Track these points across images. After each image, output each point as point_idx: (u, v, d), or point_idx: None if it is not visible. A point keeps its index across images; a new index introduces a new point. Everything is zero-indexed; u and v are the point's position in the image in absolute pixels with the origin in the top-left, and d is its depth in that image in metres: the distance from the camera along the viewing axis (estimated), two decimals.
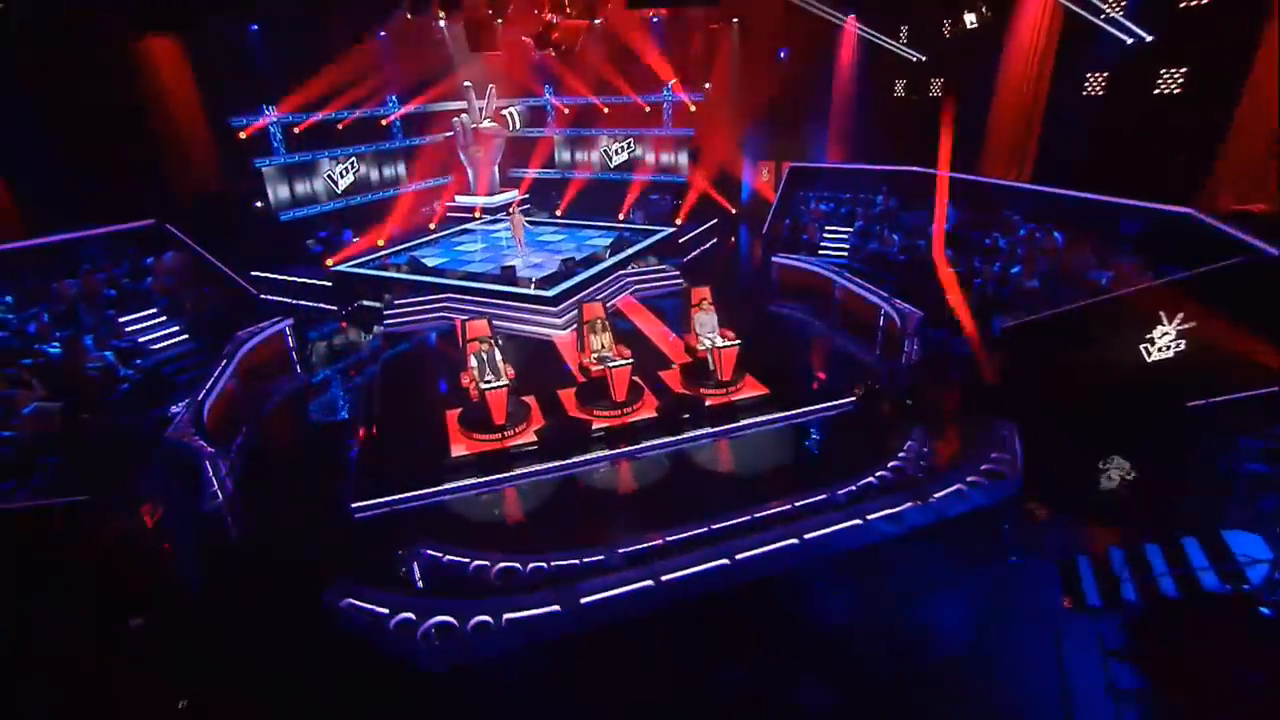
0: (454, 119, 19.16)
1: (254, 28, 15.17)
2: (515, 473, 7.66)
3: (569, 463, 7.80)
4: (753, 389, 9.26)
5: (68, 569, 6.11)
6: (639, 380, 9.14)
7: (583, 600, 5.05)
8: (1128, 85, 12.28)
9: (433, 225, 18.94)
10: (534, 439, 8.17)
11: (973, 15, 12.55)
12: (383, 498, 7.16)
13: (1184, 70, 11.47)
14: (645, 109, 19.20)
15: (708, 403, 8.83)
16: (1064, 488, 7.00)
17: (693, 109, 18.71)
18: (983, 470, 6.46)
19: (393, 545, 6.29)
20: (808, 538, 5.63)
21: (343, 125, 17.28)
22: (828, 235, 15.92)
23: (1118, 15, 11.84)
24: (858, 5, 16.72)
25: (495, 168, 20.28)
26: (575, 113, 20.55)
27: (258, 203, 15.95)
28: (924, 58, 16.42)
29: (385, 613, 4.99)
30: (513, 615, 4.95)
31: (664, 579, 5.19)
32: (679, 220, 18.19)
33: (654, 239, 16.45)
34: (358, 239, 16.90)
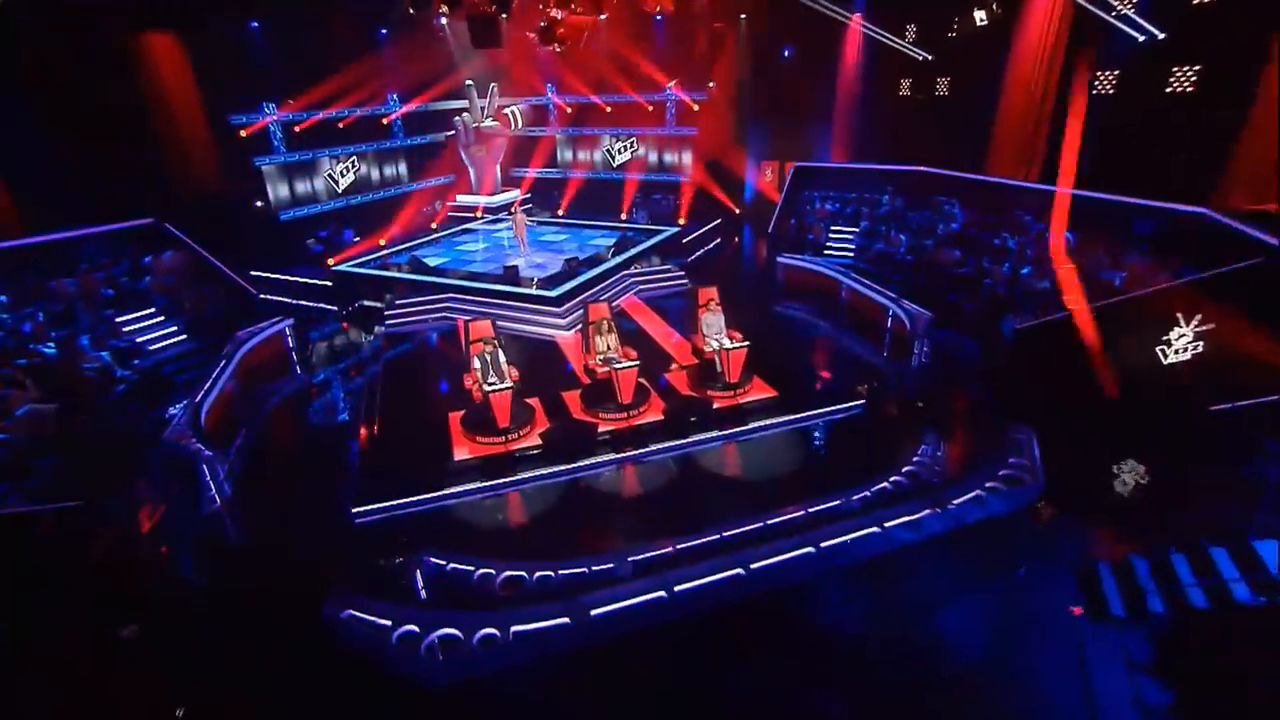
0: (455, 118, 19.01)
1: (254, 25, 15.03)
2: (520, 477, 7.49)
3: (574, 466, 7.64)
4: (761, 391, 9.10)
5: (61, 576, 5.95)
6: (645, 382, 8.98)
7: (593, 612, 4.89)
8: (1139, 84, 12.13)
9: (434, 225, 18.79)
10: (538, 442, 8.01)
11: (982, 12, 12.39)
12: (384, 502, 6.99)
13: (1197, 68, 11.32)
14: (648, 108, 19.05)
15: (715, 405, 8.67)
16: (1079, 492, 6.84)
17: (696, 108, 18.56)
18: (1001, 476, 6.30)
19: (394, 552, 6.13)
20: (824, 546, 5.47)
21: (343, 124, 17.14)
22: (833, 235, 15.76)
23: (1129, 12, 11.69)
24: (865, 3, 16.59)
25: (497, 167, 20.13)
26: (577, 111, 20.39)
27: (258, 202, 15.80)
28: (930, 56, 16.27)
29: (388, 625, 4.83)
30: (521, 628, 4.78)
31: (677, 590, 5.02)
32: (681, 220, 18.03)
33: (657, 239, 16.30)
34: (358, 239, 16.75)
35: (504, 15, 11.97)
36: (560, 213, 19.92)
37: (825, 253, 15.33)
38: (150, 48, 13.49)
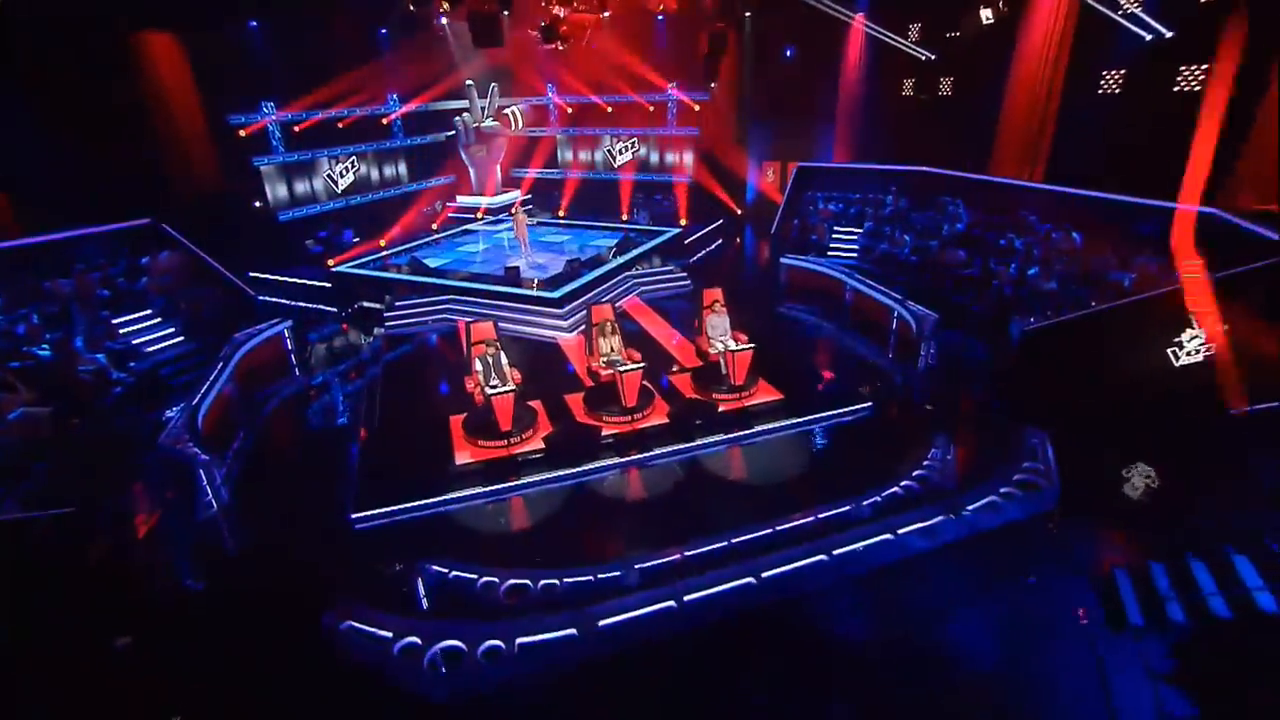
0: (455, 118, 18.88)
1: (253, 25, 14.89)
2: (523, 481, 7.35)
3: (578, 470, 7.50)
4: (767, 394, 8.96)
5: (54, 583, 5.80)
6: (649, 385, 8.85)
7: (601, 623, 4.74)
8: (1145, 83, 12.02)
9: (435, 226, 18.65)
10: (542, 446, 7.87)
11: (989, 10, 12.27)
12: (384, 508, 6.85)
13: (1204, 67, 11.21)
14: (649, 108, 18.93)
15: (720, 408, 8.54)
16: (1093, 497, 6.71)
17: (697, 108, 18.44)
18: (1015, 481, 6.17)
19: (395, 558, 5.99)
20: (837, 553, 5.33)
21: (343, 124, 17.00)
22: (837, 236, 15.64)
23: (1136, 10, 11.58)
24: (868, 2, 16.48)
25: (498, 167, 20.00)
26: (578, 112, 20.27)
27: (256, 202, 15.65)
28: (933, 56, 16.17)
29: (389, 636, 4.68)
30: (526, 640, 4.63)
31: (687, 599, 4.88)
32: (682, 221, 17.91)
33: (659, 240, 16.17)
34: (358, 239, 16.60)
35: (505, 12, 11.83)
36: (560, 213, 19.79)
37: (829, 253, 15.21)
38: (149, 47, 13.35)
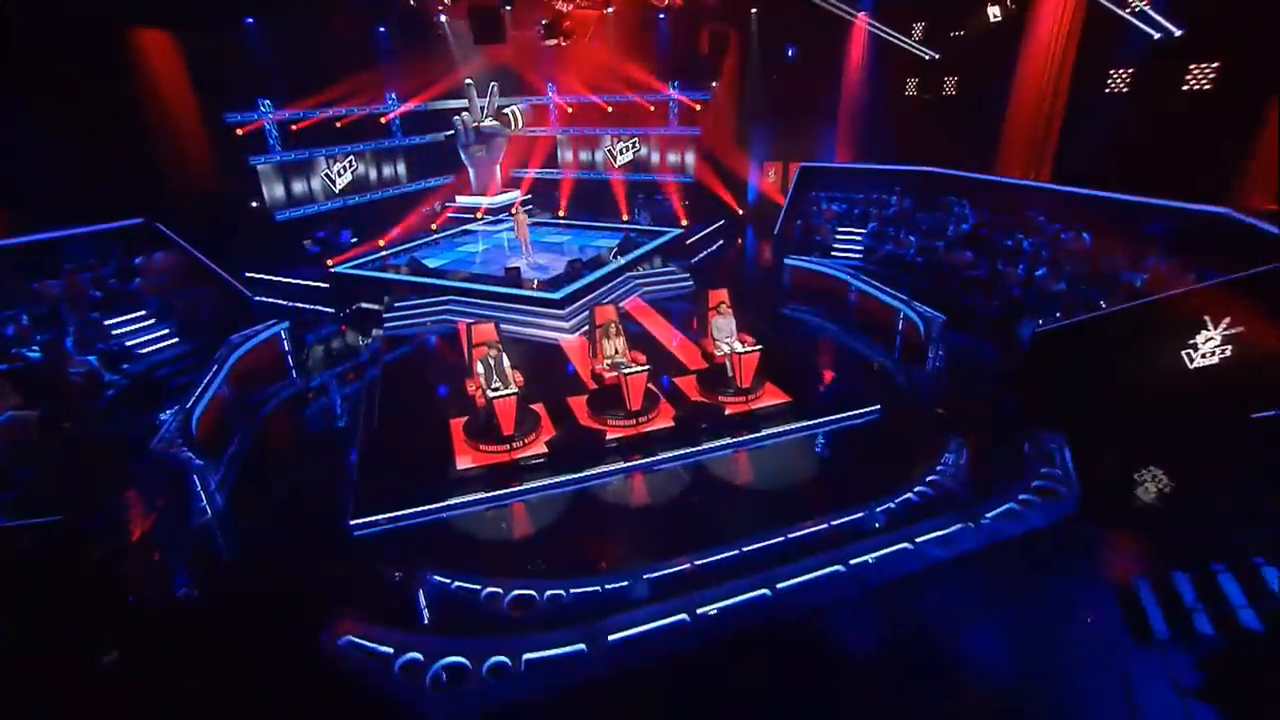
0: (455, 117, 18.69)
1: (250, 22, 14.69)
2: (526, 486, 7.16)
3: (582, 475, 7.31)
4: (774, 397, 8.79)
5: (38, 598, 5.60)
6: (653, 387, 8.66)
7: (611, 638, 4.55)
8: (1154, 81, 11.90)
9: (434, 227, 18.45)
10: (544, 450, 7.68)
11: (996, 8, 12.13)
12: (384, 514, 6.65)
13: (1215, 65, 11.09)
14: (650, 108, 18.77)
15: (727, 411, 8.36)
16: (1110, 503, 6.54)
17: (698, 108, 18.28)
18: (1034, 488, 5.99)
19: (395, 567, 5.80)
20: (854, 563, 5.15)
21: (341, 124, 16.81)
22: (840, 236, 15.48)
23: (1145, 7, 11.44)
24: (872, 1, 16.34)
25: (498, 167, 19.81)
26: (578, 111, 20.10)
27: (253, 202, 15.43)
28: (937, 55, 16.03)
29: (390, 652, 4.49)
30: (533, 656, 4.44)
31: (700, 612, 4.69)
32: (684, 221, 17.74)
33: (660, 240, 16.00)
34: (356, 240, 16.39)
35: (508, 6, 11.62)
36: (560, 213, 19.61)
37: (832, 254, 15.05)
38: (144, 44, 13.15)
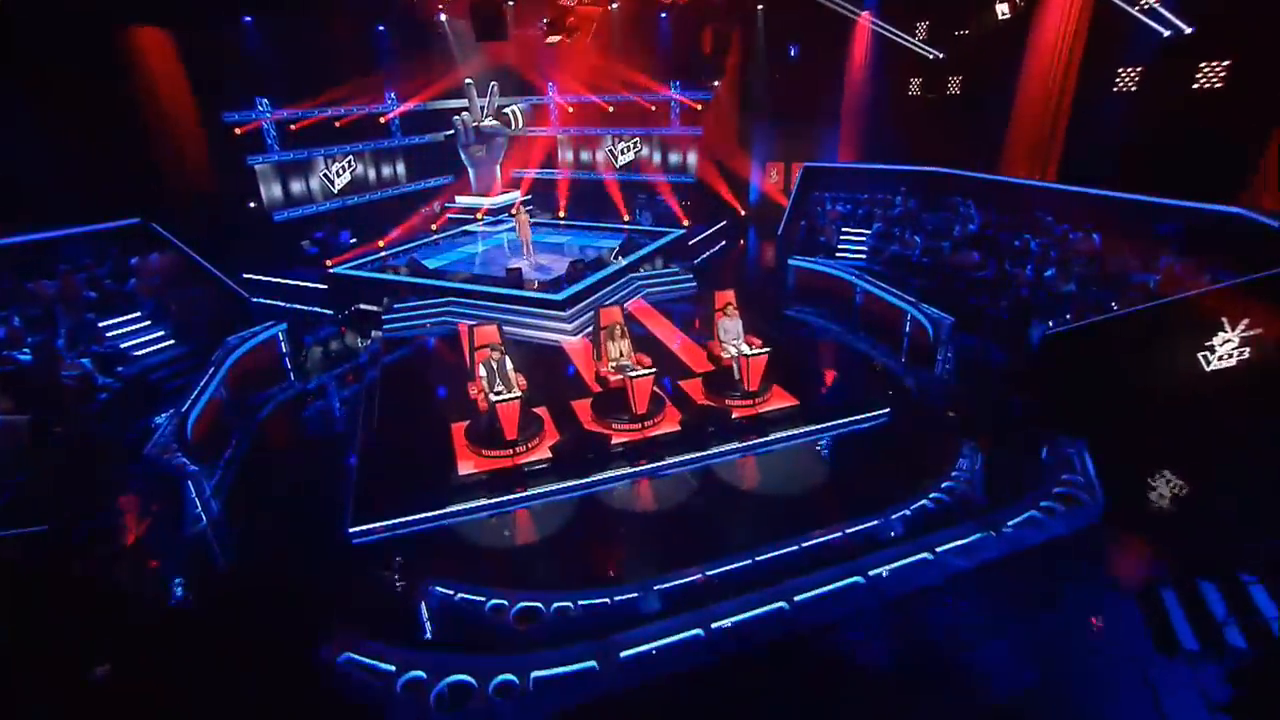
0: (455, 117, 18.51)
1: (248, 20, 14.51)
2: (531, 492, 6.98)
3: (587, 481, 7.13)
4: (781, 400, 8.62)
5: (26, 609, 5.41)
6: (659, 390, 8.49)
7: (622, 654, 4.36)
8: (1164, 80, 11.75)
9: (434, 228, 18.27)
10: (548, 455, 7.50)
11: (1005, 5, 11.97)
12: (384, 521, 6.47)
13: (1226, 64, 10.95)
14: (651, 108, 18.61)
15: (734, 415, 8.19)
16: (1131, 510, 6.37)
17: (699, 108, 18.12)
18: (1055, 495, 5.82)
19: (396, 574, 5.62)
20: (872, 574, 4.97)
21: (340, 123, 16.63)
22: (845, 237, 15.32)
23: (1154, 5, 11.29)
24: (876, 0, 16.19)
25: (498, 168, 19.62)
26: (579, 111, 19.93)
27: (251, 202, 15.24)
28: (942, 54, 15.89)
29: (391, 670, 4.30)
30: (541, 673, 4.25)
31: (715, 626, 4.51)
32: (685, 222, 17.57)
33: (662, 241, 15.83)
34: (355, 240, 16.20)
35: (510, 2, 11.42)
36: (561, 214, 19.44)
37: (837, 255, 14.89)
38: (140, 42, 12.97)
